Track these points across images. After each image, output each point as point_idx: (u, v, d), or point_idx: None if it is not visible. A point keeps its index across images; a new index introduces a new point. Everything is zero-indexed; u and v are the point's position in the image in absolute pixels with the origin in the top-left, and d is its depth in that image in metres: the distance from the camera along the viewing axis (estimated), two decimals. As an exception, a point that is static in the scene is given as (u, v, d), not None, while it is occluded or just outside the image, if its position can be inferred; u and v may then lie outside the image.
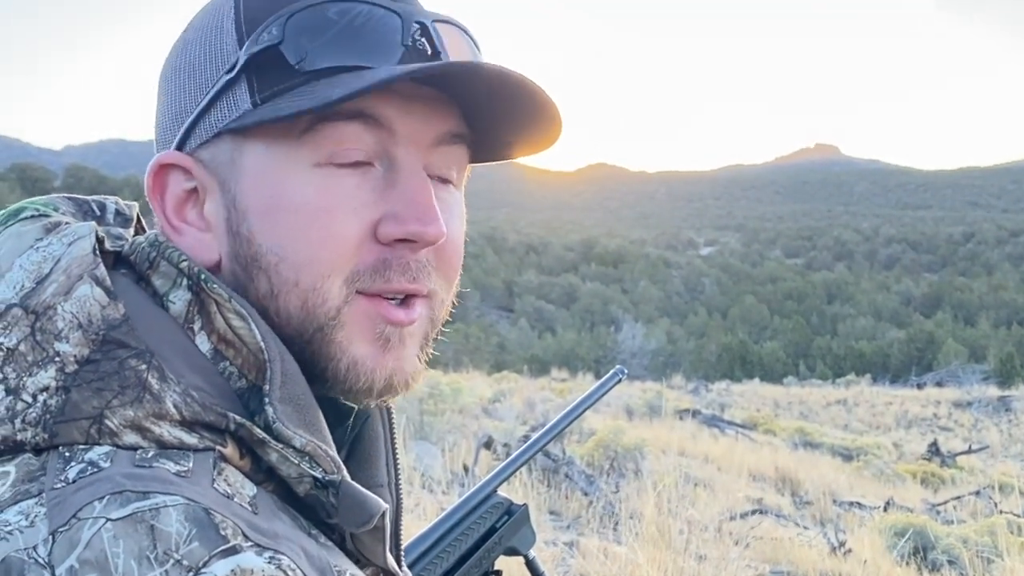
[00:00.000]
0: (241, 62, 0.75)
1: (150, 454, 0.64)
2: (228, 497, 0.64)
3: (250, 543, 0.60)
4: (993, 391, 40.14)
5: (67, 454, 0.64)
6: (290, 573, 0.59)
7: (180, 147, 0.80)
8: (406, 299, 0.80)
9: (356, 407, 0.84)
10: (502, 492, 1.22)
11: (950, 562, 6.87)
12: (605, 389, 1.35)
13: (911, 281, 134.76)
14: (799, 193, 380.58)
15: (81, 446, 0.65)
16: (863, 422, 32.46)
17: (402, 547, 0.92)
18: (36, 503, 0.61)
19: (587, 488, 7.33)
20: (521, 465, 1.27)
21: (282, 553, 0.61)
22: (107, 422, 0.65)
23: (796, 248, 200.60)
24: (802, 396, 39.28)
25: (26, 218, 0.76)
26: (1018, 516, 10.58)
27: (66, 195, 0.83)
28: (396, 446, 0.92)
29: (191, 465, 0.65)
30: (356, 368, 0.77)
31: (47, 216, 0.76)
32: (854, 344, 75.09)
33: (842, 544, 6.97)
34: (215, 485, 0.64)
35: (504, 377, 24.10)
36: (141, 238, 0.78)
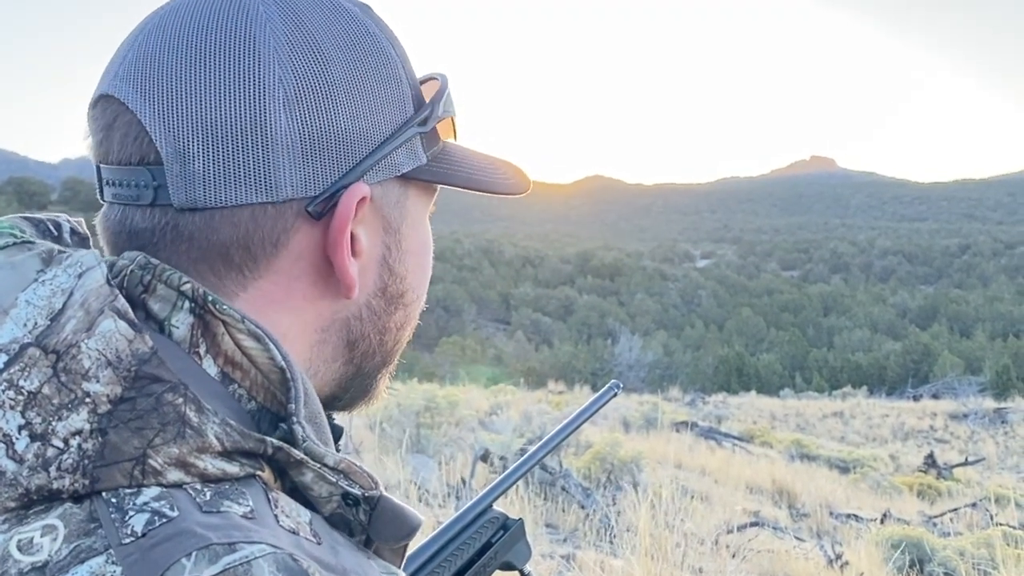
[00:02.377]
0: (431, 123, 0.81)
1: (208, 495, 0.63)
2: (295, 532, 0.64)
3: None
4: (989, 403, 40.15)
5: (114, 500, 0.62)
6: None
7: (360, 176, 0.77)
8: None
9: (342, 428, 0.88)
10: (498, 507, 1.22)
11: (947, 574, 6.88)
12: (601, 403, 1.36)
13: (907, 293, 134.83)
14: (795, 205, 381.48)
15: (127, 490, 0.62)
16: (860, 434, 32.44)
17: None
18: (107, 561, 0.58)
19: (584, 501, 7.33)
20: (517, 479, 1.27)
21: None
22: (151, 462, 0.63)
23: (792, 261, 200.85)
24: (799, 408, 39.25)
25: (9, 246, 0.71)
26: (1015, 528, 10.58)
27: (22, 215, 0.78)
28: None
29: (252, 504, 0.64)
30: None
31: (31, 242, 0.72)
32: (850, 356, 75.12)
33: (839, 556, 6.97)
34: (280, 523, 0.64)
35: (501, 390, 24.08)
36: (124, 260, 0.74)
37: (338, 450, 0.86)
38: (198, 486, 0.64)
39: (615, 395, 1.39)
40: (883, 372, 65.88)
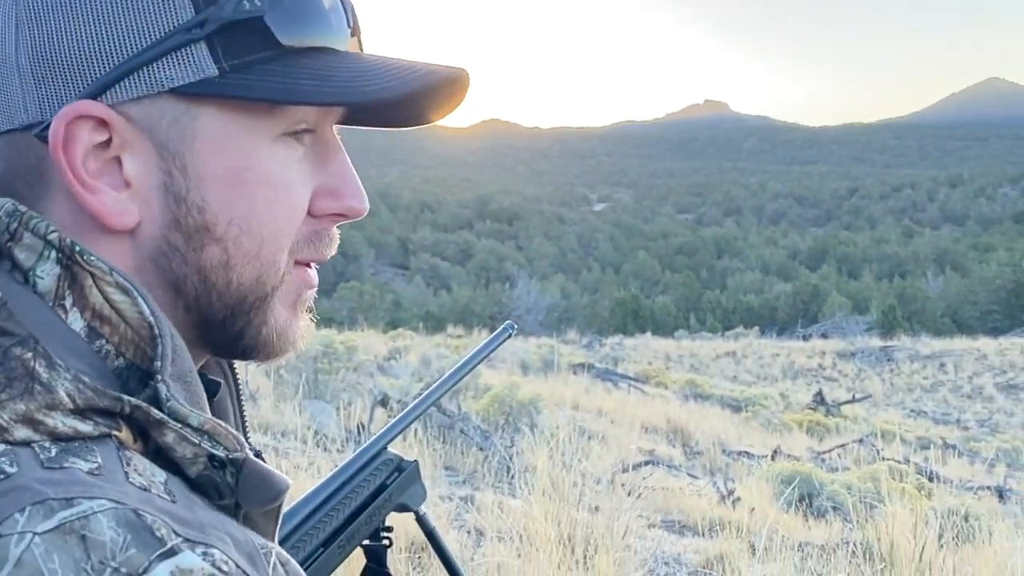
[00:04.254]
0: (213, 25, 0.69)
1: (54, 452, 0.60)
2: (146, 490, 0.60)
3: (182, 539, 0.57)
4: (876, 342, 41.61)
5: None
6: (223, 566, 0.57)
7: (94, 94, 0.70)
8: (307, 264, 0.81)
9: (221, 382, 0.83)
10: (393, 449, 1.20)
11: (834, 508, 7.13)
12: (495, 344, 1.35)
13: (797, 235, 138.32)
14: (689, 149, 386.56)
15: None
16: (751, 373, 33.39)
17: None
18: None
19: (483, 443, 7.37)
20: (412, 421, 1.26)
21: (212, 546, 0.58)
22: None
23: (687, 204, 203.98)
24: (693, 349, 40.12)
25: None
26: (900, 462, 11.02)
27: None
28: (246, 417, 0.90)
29: (100, 460, 0.61)
30: (284, 334, 0.79)
31: None
32: (742, 297, 76.83)
33: (731, 492, 7.16)
34: (130, 479, 0.60)
35: (400, 335, 24.02)
36: None
37: (215, 405, 0.83)
38: (46, 444, 0.60)
39: (510, 336, 1.38)
40: (774, 313, 67.57)
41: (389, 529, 1.16)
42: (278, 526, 0.74)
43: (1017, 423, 26.00)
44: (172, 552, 0.56)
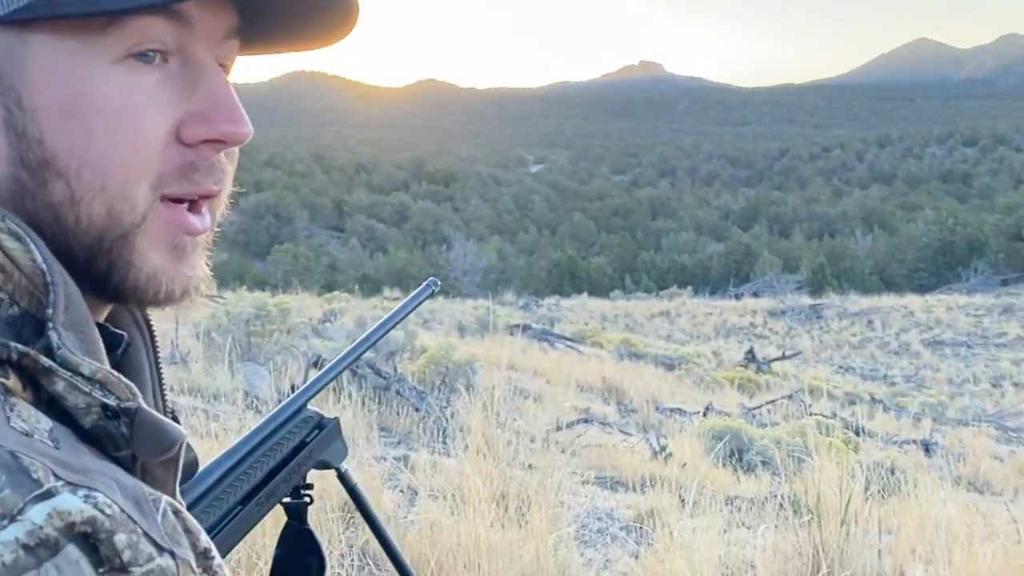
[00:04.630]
0: None
1: None
2: (27, 435, 0.58)
3: (62, 482, 0.55)
4: (805, 300, 42.44)
5: None
6: (106, 509, 0.56)
7: None
8: (195, 203, 0.75)
9: (125, 335, 0.79)
10: (314, 406, 1.19)
11: (763, 463, 7.27)
12: (418, 300, 1.34)
13: (730, 196, 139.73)
14: (625, 111, 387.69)
15: None
16: (685, 332, 33.83)
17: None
18: None
19: (418, 404, 7.37)
20: (334, 378, 1.24)
21: (96, 489, 0.56)
22: None
23: (622, 165, 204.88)
24: (628, 309, 40.52)
25: None
26: (827, 417, 11.27)
27: None
28: (163, 377, 0.86)
29: None
30: (156, 278, 0.74)
31: None
32: (677, 258, 77.55)
33: (663, 449, 7.26)
34: (11, 424, 0.58)
35: (335, 297, 23.85)
36: None
37: (125, 359, 0.80)
38: None
39: (433, 293, 1.38)
40: (707, 273, 68.36)
41: (310, 486, 1.15)
42: (178, 478, 0.71)
43: (943, 378, 26.73)
44: (49, 494, 0.54)
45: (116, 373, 0.65)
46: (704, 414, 10.30)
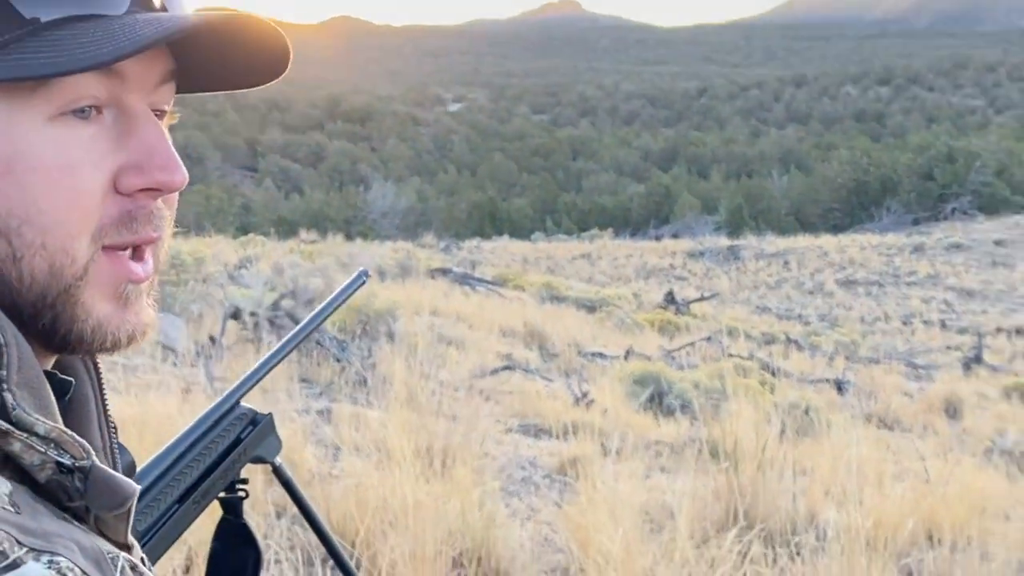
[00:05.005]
0: None
1: None
2: None
3: (26, 549, 0.57)
4: (723, 241, 43.09)
5: None
6: (69, 574, 0.58)
7: None
8: (137, 250, 0.75)
9: (73, 381, 0.78)
10: (246, 402, 1.20)
11: (683, 407, 7.40)
12: (349, 292, 1.35)
13: (650, 136, 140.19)
14: (544, 49, 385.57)
15: None
16: (606, 274, 34.15)
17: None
18: None
19: (339, 354, 7.32)
20: (265, 374, 1.25)
21: (58, 553, 0.58)
22: None
23: (542, 104, 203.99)
24: (549, 251, 40.73)
25: None
26: (745, 358, 11.50)
27: None
28: (108, 406, 0.85)
29: None
30: (102, 328, 0.73)
31: None
32: (597, 199, 77.92)
33: (585, 395, 7.34)
34: None
35: (251, 241, 23.49)
36: None
37: (71, 405, 0.79)
38: None
39: (363, 283, 1.39)
40: (627, 214, 68.85)
41: (245, 481, 1.17)
42: (130, 525, 0.72)
43: (855, 316, 27.46)
44: (15, 565, 0.55)
45: (69, 432, 0.66)
46: (625, 357, 10.43)
